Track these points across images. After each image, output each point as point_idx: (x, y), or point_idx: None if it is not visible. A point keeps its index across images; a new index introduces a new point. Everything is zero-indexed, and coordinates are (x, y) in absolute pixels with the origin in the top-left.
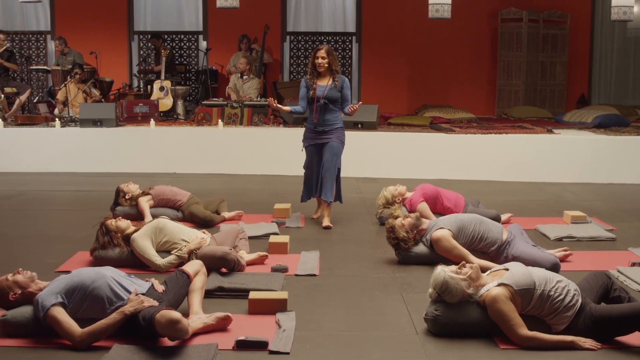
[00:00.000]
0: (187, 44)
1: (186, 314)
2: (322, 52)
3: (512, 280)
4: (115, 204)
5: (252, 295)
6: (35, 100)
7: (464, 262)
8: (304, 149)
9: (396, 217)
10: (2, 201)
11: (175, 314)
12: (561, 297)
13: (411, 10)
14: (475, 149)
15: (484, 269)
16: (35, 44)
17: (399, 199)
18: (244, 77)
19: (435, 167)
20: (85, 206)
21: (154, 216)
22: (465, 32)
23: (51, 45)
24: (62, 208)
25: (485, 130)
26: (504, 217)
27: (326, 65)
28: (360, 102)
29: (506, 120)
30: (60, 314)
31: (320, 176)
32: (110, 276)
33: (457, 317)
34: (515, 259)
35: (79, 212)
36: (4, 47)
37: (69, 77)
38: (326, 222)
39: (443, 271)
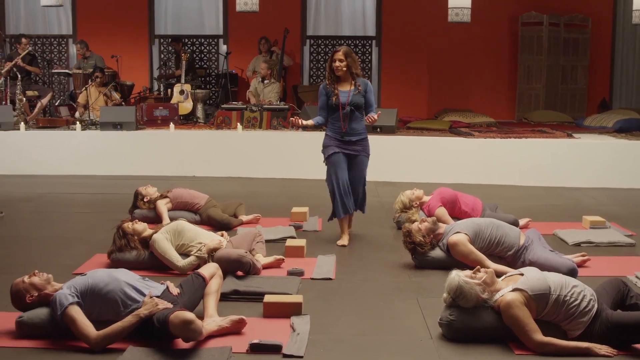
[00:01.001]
0: (208, 47)
1: (201, 317)
2: (339, 55)
3: (527, 285)
4: (133, 207)
5: (267, 298)
6: (56, 104)
7: (478, 266)
8: (325, 160)
9: (413, 222)
10: (22, 204)
11: (189, 315)
12: (577, 302)
13: (431, 14)
14: (494, 153)
15: (500, 274)
16: (57, 47)
17: (416, 203)
18: (265, 81)
19: (454, 171)
20: (104, 209)
21: (172, 219)
22: (485, 36)
23: (73, 49)
24: (82, 210)
25: (504, 134)
26: (522, 221)
27: (344, 68)
28: (380, 112)
29: (526, 124)
30: (78, 313)
31: (355, 190)
32: (124, 279)
33: (471, 322)
34: (532, 264)
35: (98, 214)
36: (26, 51)
37: (89, 80)
38: (346, 239)
39: (457, 276)
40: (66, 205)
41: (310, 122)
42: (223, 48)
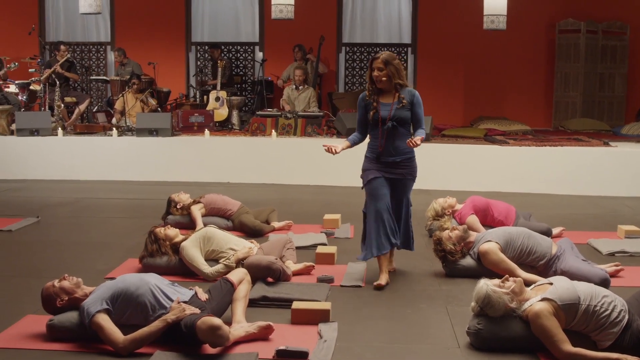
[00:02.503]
0: (244, 54)
1: (229, 323)
2: (378, 62)
3: (556, 295)
4: (167, 214)
5: (295, 305)
6: (94, 110)
7: (507, 275)
8: (364, 186)
9: (445, 230)
10: (58, 208)
11: (216, 320)
12: (607, 312)
13: (466, 21)
14: (529, 161)
15: (531, 283)
16: (96, 54)
17: (448, 211)
18: (299, 87)
19: (488, 179)
20: (139, 214)
21: (205, 225)
22: (521, 44)
23: (111, 56)
24: (116, 216)
25: (540, 142)
26: (555, 230)
27: (384, 78)
28: (422, 137)
29: (563, 132)
30: (105, 320)
31: (399, 223)
32: (154, 283)
33: (499, 331)
34: (564, 273)
35: (133, 219)
36: (65, 58)
37: (126, 87)
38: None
39: (486, 285)
40: (101, 210)
41: (345, 144)
42: (259, 55)
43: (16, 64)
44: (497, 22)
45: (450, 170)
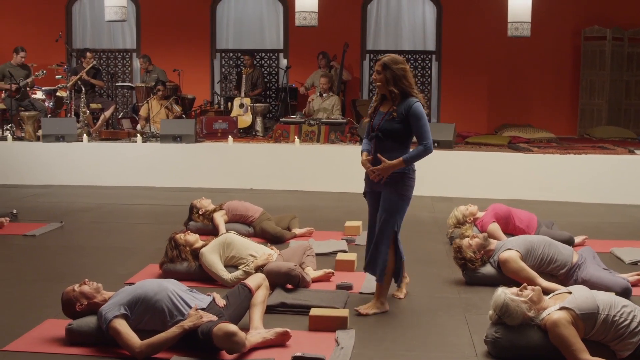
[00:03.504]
0: (268, 61)
1: (247, 328)
2: (378, 65)
3: (575, 304)
4: (188, 220)
5: (313, 312)
6: (119, 116)
7: (525, 284)
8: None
9: (465, 237)
10: (82, 213)
11: (232, 327)
12: (626, 322)
13: (491, 28)
14: (553, 169)
15: (550, 292)
16: (122, 61)
17: (470, 219)
18: (324, 95)
19: (511, 187)
20: (162, 220)
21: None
22: (546, 51)
23: (136, 63)
24: (139, 221)
25: (564, 150)
26: (578, 239)
27: (379, 83)
28: (406, 158)
29: (588, 140)
30: (122, 325)
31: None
32: (172, 289)
33: (517, 340)
34: (585, 282)
35: (155, 225)
36: (91, 65)
37: (151, 93)
38: (368, 309)
39: (504, 293)
40: (125, 215)
41: (364, 155)
42: (283, 62)
43: (44, 71)
44: (522, 29)
45: (473, 177)
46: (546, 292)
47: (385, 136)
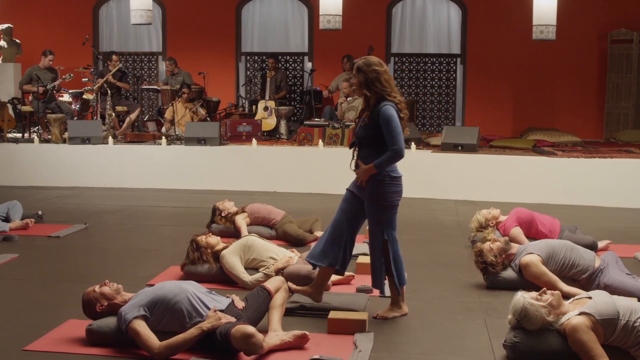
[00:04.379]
0: (293, 64)
1: (266, 331)
2: (353, 69)
3: (594, 309)
4: (211, 222)
5: (332, 314)
6: (145, 119)
7: (544, 288)
8: None
9: (487, 241)
10: (106, 215)
11: (250, 329)
12: None
13: (516, 32)
14: (577, 173)
15: (570, 297)
16: (147, 64)
17: (492, 223)
18: (349, 98)
19: (535, 191)
20: (185, 222)
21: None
22: (572, 54)
23: (162, 66)
24: (162, 223)
25: (588, 154)
26: (601, 244)
27: (353, 87)
28: (373, 165)
29: (614, 144)
30: (141, 326)
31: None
32: (192, 291)
33: (536, 345)
34: (607, 287)
35: (178, 227)
36: (117, 68)
37: (177, 96)
38: (387, 312)
39: (523, 297)
40: (149, 217)
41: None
42: (308, 65)
43: (71, 75)
44: (547, 32)
45: (496, 181)
46: (567, 296)
47: (361, 143)
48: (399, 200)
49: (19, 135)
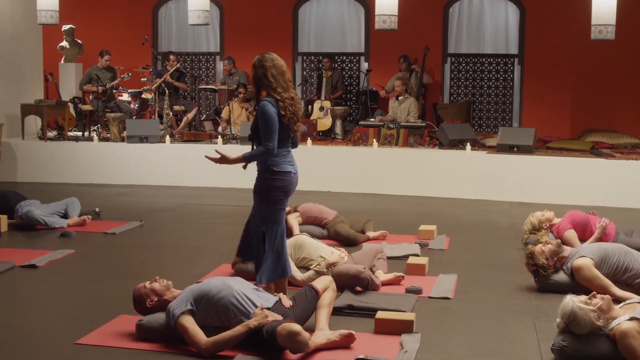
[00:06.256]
0: (349, 65)
1: (313, 330)
2: None
3: None
4: None
5: (379, 314)
6: (202, 118)
7: (594, 292)
8: None
9: (539, 243)
10: (163, 213)
11: (296, 327)
12: None
13: (574, 32)
14: (635, 175)
15: (621, 302)
16: (205, 64)
17: (546, 225)
18: (400, 98)
19: (592, 193)
20: (240, 220)
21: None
22: (631, 54)
23: (220, 66)
24: (217, 221)
25: None
26: None
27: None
28: (244, 155)
29: None
30: (189, 322)
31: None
32: (238, 289)
33: (585, 349)
34: None
35: (232, 225)
36: (174, 68)
37: (233, 96)
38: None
39: (572, 301)
40: (204, 216)
41: None
42: (364, 65)
43: (129, 74)
44: (606, 32)
45: (552, 183)
46: (620, 301)
47: (250, 139)
48: (282, 196)
49: (79, 133)
